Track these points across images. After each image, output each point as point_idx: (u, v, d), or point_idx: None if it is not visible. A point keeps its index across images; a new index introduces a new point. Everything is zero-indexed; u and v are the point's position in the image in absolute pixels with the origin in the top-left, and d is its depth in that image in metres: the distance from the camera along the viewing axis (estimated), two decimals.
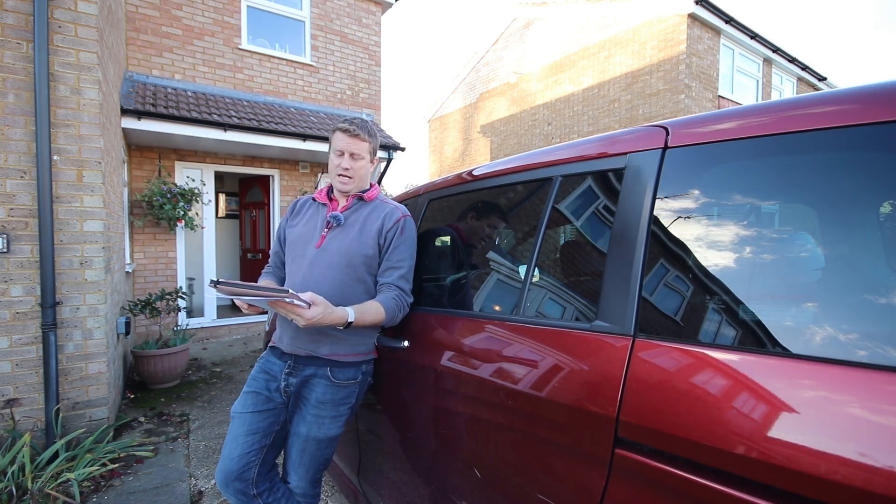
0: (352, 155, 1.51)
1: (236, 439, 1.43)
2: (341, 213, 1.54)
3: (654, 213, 0.88)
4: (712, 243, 0.82)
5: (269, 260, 1.72)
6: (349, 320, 1.34)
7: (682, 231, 0.85)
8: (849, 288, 0.69)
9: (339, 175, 1.52)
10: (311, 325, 1.27)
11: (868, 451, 0.55)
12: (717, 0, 8.00)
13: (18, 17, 2.52)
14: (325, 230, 1.52)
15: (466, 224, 1.57)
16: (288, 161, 6.38)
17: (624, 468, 0.80)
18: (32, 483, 2.20)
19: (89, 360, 2.74)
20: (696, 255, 0.83)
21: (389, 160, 6.50)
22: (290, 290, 1.19)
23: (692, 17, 7.95)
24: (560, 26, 10.31)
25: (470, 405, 1.17)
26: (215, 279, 1.18)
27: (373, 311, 1.40)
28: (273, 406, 1.48)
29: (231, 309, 6.96)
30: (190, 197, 5.30)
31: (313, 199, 1.63)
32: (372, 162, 1.59)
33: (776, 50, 9.55)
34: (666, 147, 0.91)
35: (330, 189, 1.63)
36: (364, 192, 1.58)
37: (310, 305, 1.24)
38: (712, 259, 0.82)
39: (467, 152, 13.27)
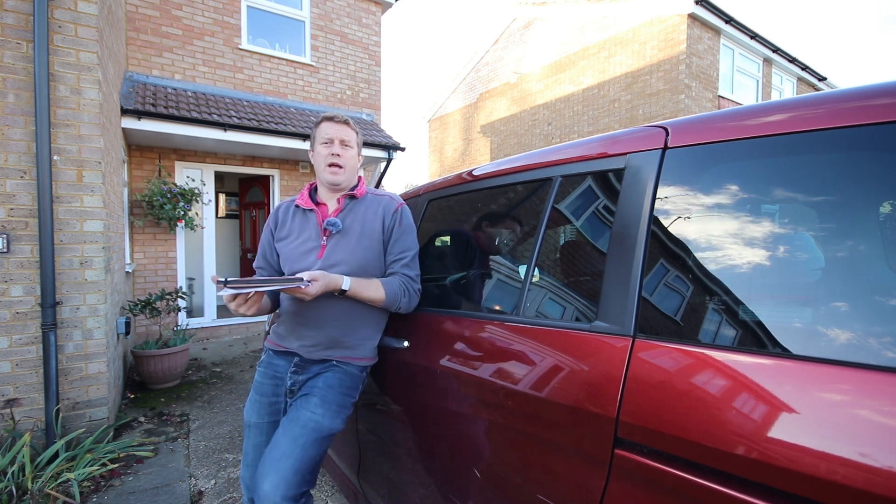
0: (342, 142, 1.44)
1: (257, 448, 1.44)
2: (335, 216, 1.45)
3: (654, 213, 0.88)
4: (712, 244, 0.82)
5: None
6: (343, 287, 1.34)
7: (682, 231, 0.85)
8: (848, 288, 0.68)
9: (331, 164, 1.43)
10: (316, 295, 1.29)
11: (868, 451, 0.55)
12: (717, 0, 8.00)
13: (18, 17, 2.51)
14: (324, 238, 1.43)
15: (483, 232, 1.53)
16: (288, 161, 6.38)
17: (624, 469, 0.80)
18: (32, 483, 2.20)
19: (89, 360, 2.74)
20: (696, 255, 0.83)
21: (389, 160, 6.49)
22: (303, 277, 1.25)
23: (692, 17, 7.95)
24: (560, 26, 10.31)
25: (470, 405, 1.17)
26: (223, 279, 1.14)
27: (372, 286, 1.39)
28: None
29: None
30: (190, 197, 5.30)
31: (296, 206, 1.50)
32: (359, 156, 1.53)
33: (776, 50, 9.55)
34: (666, 147, 0.91)
35: (312, 190, 1.53)
36: (353, 189, 1.50)
37: (309, 283, 1.26)
38: (712, 259, 0.82)
39: (467, 152, 13.27)
